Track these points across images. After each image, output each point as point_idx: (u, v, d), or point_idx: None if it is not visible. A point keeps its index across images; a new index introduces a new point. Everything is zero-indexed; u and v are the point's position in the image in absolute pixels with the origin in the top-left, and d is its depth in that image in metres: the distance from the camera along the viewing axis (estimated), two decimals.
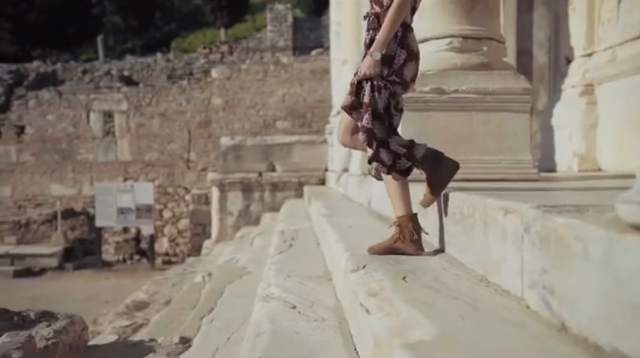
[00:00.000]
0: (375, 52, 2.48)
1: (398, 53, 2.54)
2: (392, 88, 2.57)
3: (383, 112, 2.54)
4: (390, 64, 2.53)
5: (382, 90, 2.53)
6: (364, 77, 2.51)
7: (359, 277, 2.26)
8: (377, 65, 2.49)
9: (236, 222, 11.61)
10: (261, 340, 2.35)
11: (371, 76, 2.49)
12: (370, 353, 1.73)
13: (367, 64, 2.49)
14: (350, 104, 2.58)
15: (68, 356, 2.83)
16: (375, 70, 2.49)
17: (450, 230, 2.51)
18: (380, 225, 3.99)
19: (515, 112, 4.00)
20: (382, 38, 2.48)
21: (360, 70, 2.52)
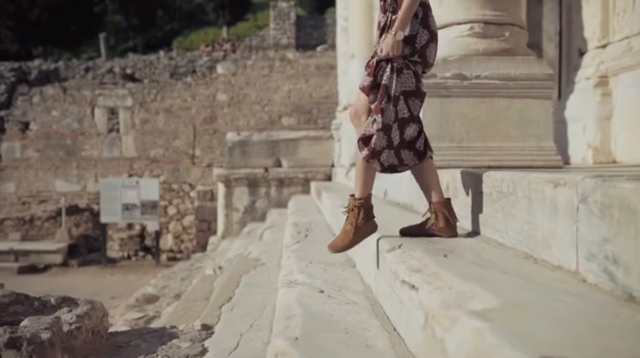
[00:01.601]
0: (398, 31, 2.40)
1: (420, 33, 2.48)
2: (414, 67, 2.50)
3: (397, 94, 2.45)
4: (412, 44, 2.46)
5: (403, 70, 2.46)
6: (385, 56, 2.42)
7: (397, 256, 2.21)
8: (399, 45, 2.41)
9: (242, 218, 11.56)
10: (295, 321, 2.29)
11: (393, 56, 2.42)
12: (419, 328, 1.68)
13: (390, 43, 2.40)
14: (369, 85, 2.49)
15: (91, 341, 2.78)
16: (398, 51, 2.41)
17: (485, 211, 2.44)
18: (401, 212, 3.94)
19: (538, 99, 3.94)
20: (404, 16, 2.40)
21: (382, 50, 2.44)
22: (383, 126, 2.44)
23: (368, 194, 2.54)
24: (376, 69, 2.47)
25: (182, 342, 2.91)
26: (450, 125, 3.96)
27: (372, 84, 2.48)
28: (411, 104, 2.53)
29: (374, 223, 2.56)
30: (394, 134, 2.48)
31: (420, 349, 1.67)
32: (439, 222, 2.53)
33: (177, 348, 2.81)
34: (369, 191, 2.55)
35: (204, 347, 2.85)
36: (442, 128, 3.96)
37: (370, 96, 2.50)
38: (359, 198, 2.52)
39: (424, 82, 2.66)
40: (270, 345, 2.10)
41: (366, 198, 2.53)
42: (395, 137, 2.48)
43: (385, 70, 2.44)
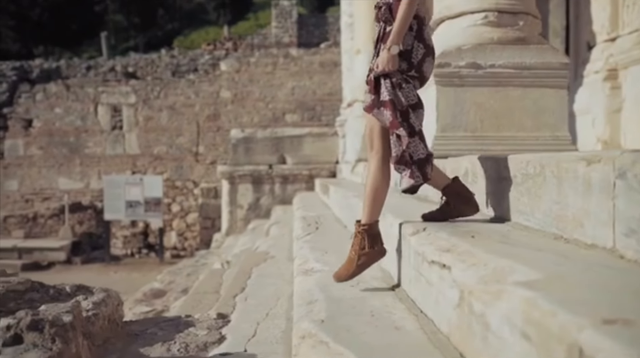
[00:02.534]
0: (393, 46, 2.33)
1: (415, 47, 2.42)
2: (412, 82, 2.44)
3: (404, 109, 2.39)
4: (408, 59, 2.40)
5: (403, 85, 2.40)
6: (381, 72, 2.36)
7: (422, 239, 2.18)
8: (395, 59, 2.34)
9: (246, 215, 11.52)
10: (318, 306, 2.27)
11: (389, 72, 2.35)
12: (452, 306, 1.65)
13: (385, 58, 2.34)
14: (371, 104, 2.41)
15: (107, 328, 2.75)
16: (394, 66, 2.35)
17: (509, 195, 2.41)
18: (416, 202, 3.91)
19: (553, 88, 3.93)
20: (398, 30, 2.34)
21: (377, 66, 2.38)
22: (410, 136, 2.39)
23: (375, 221, 2.44)
24: (376, 86, 2.40)
25: (199, 330, 2.89)
26: (465, 114, 3.94)
27: (374, 101, 2.41)
28: (418, 115, 2.47)
29: (382, 249, 2.45)
30: (415, 147, 2.42)
31: (454, 327, 1.64)
32: (457, 203, 2.51)
33: (194, 336, 2.78)
34: (376, 217, 2.45)
35: (221, 335, 2.82)
36: (456, 117, 3.94)
37: (374, 113, 2.41)
38: (365, 224, 2.43)
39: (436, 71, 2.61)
40: (295, 328, 2.07)
41: (371, 225, 2.43)
42: (418, 150, 2.43)
43: (386, 86, 2.37)
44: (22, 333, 2.01)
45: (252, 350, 2.56)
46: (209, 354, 2.57)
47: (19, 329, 2.01)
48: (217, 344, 2.69)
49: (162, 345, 2.65)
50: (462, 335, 1.57)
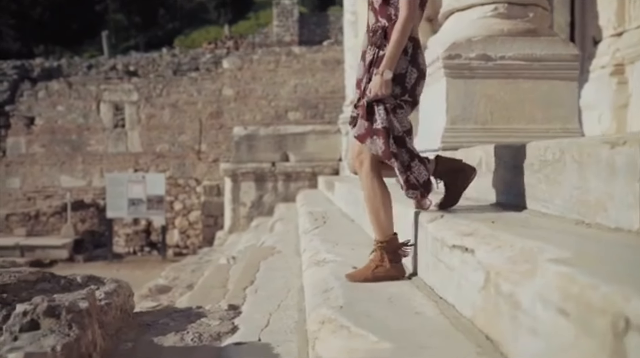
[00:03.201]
0: (386, 71, 2.29)
1: (409, 71, 2.38)
2: (405, 107, 2.41)
3: (400, 135, 2.36)
4: (402, 83, 2.36)
5: (397, 111, 2.36)
6: (374, 98, 2.32)
7: (440, 225, 2.16)
8: (388, 84, 2.30)
9: (249, 213, 11.51)
10: (334, 293, 2.25)
11: (382, 97, 2.31)
12: (477, 289, 1.63)
13: (378, 83, 2.30)
14: (365, 133, 2.36)
15: (119, 318, 2.73)
16: (388, 91, 2.31)
17: (526, 182, 2.39)
18: None
19: (563, 80, 3.91)
20: (392, 55, 2.30)
21: (370, 91, 2.33)
22: (404, 168, 2.36)
23: (391, 235, 2.40)
24: (369, 113, 2.35)
25: (211, 320, 2.87)
26: (475, 106, 3.92)
27: (368, 130, 2.35)
28: (412, 139, 2.44)
29: (401, 270, 2.42)
30: (418, 170, 2.40)
31: (479, 310, 1.63)
32: (455, 178, 2.53)
33: (207, 326, 2.77)
34: (391, 231, 2.41)
35: (234, 325, 2.80)
36: (466, 109, 3.92)
37: (367, 142, 2.36)
38: (381, 241, 2.40)
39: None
40: (314, 314, 2.05)
41: (389, 241, 2.39)
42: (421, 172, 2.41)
43: (379, 113, 2.33)
44: (39, 319, 1.99)
45: (266, 340, 2.54)
46: (223, 343, 2.56)
47: (35, 315, 2.00)
48: (230, 334, 2.68)
49: (175, 335, 2.63)
50: (487, 317, 1.56)
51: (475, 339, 1.59)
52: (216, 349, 2.48)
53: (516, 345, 1.35)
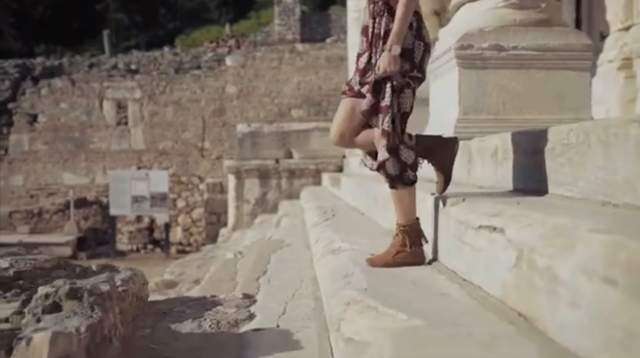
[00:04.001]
0: (394, 46, 2.26)
1: (417, 45, 2.35)
2: (414, 84, 2.39)
3: (402, 114, 2.34)
4: (410, 59, 2.33)
5: (405, 90, 2.34)
6: (383, 75, 2.28)
7: (463, 208, 2.15)
8: (396, 61, 2.27)
9: (253, 210, 11.49)
10: (356, 277, 2.24)
11: (392, 73, 2.28)
12: (508, 268, 1.62)
13: (386, 60, 2.26)
14: (371, 109, 2.33)
15: (135, 306, 2.72)
16: (396, 67, 2.27)
17: (547, 167, 2.38)
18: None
19: (576, 70, 3.90)
20: (399, 30, 2.26)
21: (379, 68, 2.29)
22: (393, 151, 2.33)
23: (413, 221, 2.39)
24: (375, 89, 2.32)
25: (227, 308, 2.86)
26: (487, 97, 3.91)
27: (374, 106, 2.33)
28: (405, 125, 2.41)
29: (422, 255, 2.41)
30: (404, 155, 2.36)
31: (510, 288, 1.61)
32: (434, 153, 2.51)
33: (223, 313, 2.75)
34: (413, 216, 2.40)
35: (250, 313, 2.79)
36: (478, 100, 3.91)
37: (373, 120, 2.35)
38: (404, 224, 2.39)
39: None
40: (337, 296, 2.04)
41: (411, 225, 2.38)
42: (406, 159, 2.37)
43: (385, 91, 2.30)
44: (61, 301, 1.98)
45: (284, 326, 2.53)
46: (241, 330, 2.54)
47: (57, 297, 1.99)
48: (247, 321, 2.67)
49: (192, 322, 2.62)
50: (520, 295, 1.54)
51: (506, 317, 1.57)
52: (235, 335, 2.47)
53: (554, 319, 1.34)
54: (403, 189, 2.39)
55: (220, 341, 2.38)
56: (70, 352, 1.67)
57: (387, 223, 3.72)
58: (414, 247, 2.38)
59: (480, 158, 3.22)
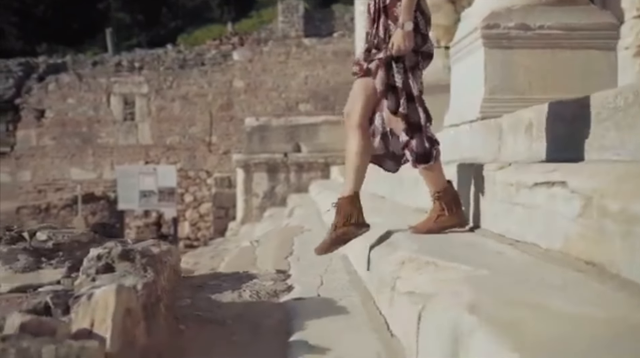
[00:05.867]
0: (407, 22, 2.26)
1: (419, 19, 2.36)
2: (422, 64, 2.40)
3: (418, 94, 2.36)
4: (417, 31, 2.33)
5: (415, 71, 2.35)
6: (399, 52, 2.29)
7: (511, 171, 2.16)
8: (410, 37, 2.28)
9: (262, 203, 11.49)
10: (402, 243, 2.24)
11: (407, 50, 2.28)
12: (572, 218, 1.62)
13: (400, 37, 2.26)
14: (385, 88, 2.33)
15: (172, 279, 2.71)
16: (411, 44, 2.28)
17: (591, 132, 2.37)
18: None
19: (601, 49, 3.89)
20: (408, 5, 2.27)
21: (392, 46, 2.29)
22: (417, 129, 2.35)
23: (446, 185, 2.43)
24: (387, 69, 2.32)
25: (264, 281, 2.85)
26: (513, 77, 3.90)
27: (387, 86, 2.33)
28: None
29: (462, 215, 2.43)
30: (430, 133, 2.40)
31: (575, 238, 1.61)
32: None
33: (261, 285, 2.75)
34: (444, 181, 2.44)
35: (288, 285, 2.79)
36: (504, 80, 3.91)
37: (387, 100, 2.34)
38: (436, 191, 2.42)
39: None
40: (391, 257, 2.04)
41: (444, 190, 2.42)
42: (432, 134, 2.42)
43: (398, 71, 2.31)
44: (114, 263, 1.98)
45: (325, 295, 2.53)
46: (282, 300, 2.54)
47: (110, 259, 1.99)
48: (286, 292, 2.66)
49: (231, 293, 2.62)
50: (589, 243, 1.54)
51: (572, 266, 1.57)
52: (277, 304, 2.47)
53: (632, 261, 1.34)
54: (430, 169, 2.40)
55: (264, 309, 2.38)
56: (131, 308, 1.66)
57: (415, 203, 3.73)
58: (453, 209, 2.39)
59: (513, 133, 3.21)
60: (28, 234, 2.74)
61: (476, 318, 1.14)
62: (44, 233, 2.74)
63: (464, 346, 1.13)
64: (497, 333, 1.04)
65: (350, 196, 2.42)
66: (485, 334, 1.06)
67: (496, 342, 1.00)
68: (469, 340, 1.12)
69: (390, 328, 1.91)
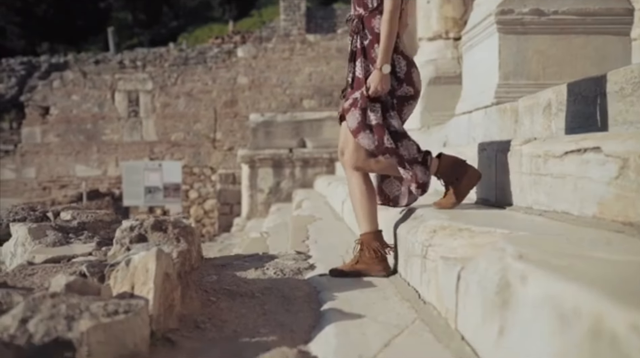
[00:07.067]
0: (384, 65, 2.31)
1: (396, 60, 2.40)
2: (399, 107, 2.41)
3: (395, 130, 2.39)
4: (393, 73, 2.38)
5: (390, 110, 2.39)
6: (374, 94, 2.34)
7: (538, 144, 2.17)
8: (387, 79, 2.33)
9: (267, 199, 11.49)
10: (428, 216, 2.25)
11: (383, 92, 2.34)
12: (607, 182, 1.63)
13: (377, 79, 2.32)
14: (358, 127, 2.38)
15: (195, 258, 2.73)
16: (387, 86, 2.34)
17: (615, 107, 2.39)
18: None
19: (616, 35, 3.91)
20: (385, 48, 2.31)
21: (369, 87, 2.34)
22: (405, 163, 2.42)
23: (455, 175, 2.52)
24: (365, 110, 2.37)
25: (285, 260, 2.87)
26: (527, 62, 3.92)
27: (361, 124, 2.38)
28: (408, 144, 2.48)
29: (474, 170, 2.51)
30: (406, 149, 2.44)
31: (610, 201, 1.63)
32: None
33: (284, 264, 2.77)
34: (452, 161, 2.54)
35: (310, 264, 2.80)
36: (518, 65, 3.93)
37: (360, 137, 2.38)
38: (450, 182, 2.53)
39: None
40: (421, 227, 2.05)
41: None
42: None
43: (374, 109, 2.36)
44: (146, 233, 2.00)
45: None
46: (306, 277, 2.56)
47: (142, 230, 2.00)
48: (310, 270, 2.68)
49: (255, 270, 2.63)
50: (627, 204, 1.56)
51: (609, 228, 1.59)
52: (302, 280, 2.48)
53: None
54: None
55: (290, 284, 2.40)
56: (169, 273, 1.68)
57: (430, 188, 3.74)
58: (467, 171, 2.48)
59: (530, 115, 3.23)
60: (52, 214, 2.75)
61: (526, 264, 1.16)
62: (68, 213, 2.76)
63: (514, 292, 1.15)
64: (550, 274, 1.05)
65: (375, 232, 2.44)
66: (539, 275, 1.07)
67: (553, 277, 1.02)
68: (519, 286, 1.13)
69: (421, 296, 1.93)
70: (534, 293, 1.05)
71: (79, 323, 1.28)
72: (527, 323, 1.06)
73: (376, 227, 2.44)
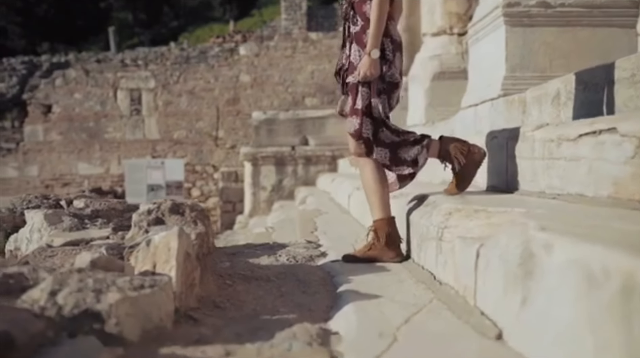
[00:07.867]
0: (373, 50, 2.33)
1: (386, 44, 2.42)
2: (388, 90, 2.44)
3: (383, 118, 2.42)
4: (382, 57, 2.40)
5: (381, 95, 2.41)
6: (364, 79, 2.36)
7: (551, 129, 2.19)
8: (376, 64, 2.35)
9: (269, 197, 11.51)
10: (440, 201, 2.27)
11: (373, 77, 2.36)
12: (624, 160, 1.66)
13: (367, 64, 2.34)
14: (349, 111, 2.44)
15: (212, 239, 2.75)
16: (377, 71, 2.36)
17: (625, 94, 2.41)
18: None
19: (622, 27, 3.93)
20: (374, 33, 2.34)
21: (360, 72, 2.37)
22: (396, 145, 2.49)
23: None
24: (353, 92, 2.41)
25: (296, 248, 2.89)
26: (534, 55, 3.94)
27: (351, 108, 2.43)
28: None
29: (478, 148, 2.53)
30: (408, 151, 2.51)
31: (627, 179, 1.65)
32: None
33: (296, 252, 2.78)
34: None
35: (322, 251, 2.82)
36: (524, 58, 3.95)
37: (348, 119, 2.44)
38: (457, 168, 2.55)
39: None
40: (436, 211, 2.07)
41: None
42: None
43: (362, 93, 2.39)
44: (164, 216, 2.02)
45: None
46: (318, 263, 2.58)
47: (160, 213, 2.02)
48: (321, 257, 2.70)
49: (268, 257, 2.66)
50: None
51: (625, 206, 1.61)
52: (316, 266, 2.50)
53: None
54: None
55: (304, 269, 2.42)
56: (189, 252, 1.70)
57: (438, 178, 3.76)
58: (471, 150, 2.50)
59: (538, 106, 3.25)
60: (65, 202, 2.77)
61: (550, 234, 1.18)
62: (81, 201, 2.78)
63: (538, 262, 1.17)
64: (575, 240, 1.07)
65: (388, 218, 2.45)
66: (565, 242, 1.09)
67: (579, 242, 1.04)
68: (543, 255, 1.15)
69: (437, 278, 1.95)
70: (559, 260, 1.07)
71: (107, 296, 1.30)
72: (552, 291, 1.08)
73: (389, 214, 2.45)
